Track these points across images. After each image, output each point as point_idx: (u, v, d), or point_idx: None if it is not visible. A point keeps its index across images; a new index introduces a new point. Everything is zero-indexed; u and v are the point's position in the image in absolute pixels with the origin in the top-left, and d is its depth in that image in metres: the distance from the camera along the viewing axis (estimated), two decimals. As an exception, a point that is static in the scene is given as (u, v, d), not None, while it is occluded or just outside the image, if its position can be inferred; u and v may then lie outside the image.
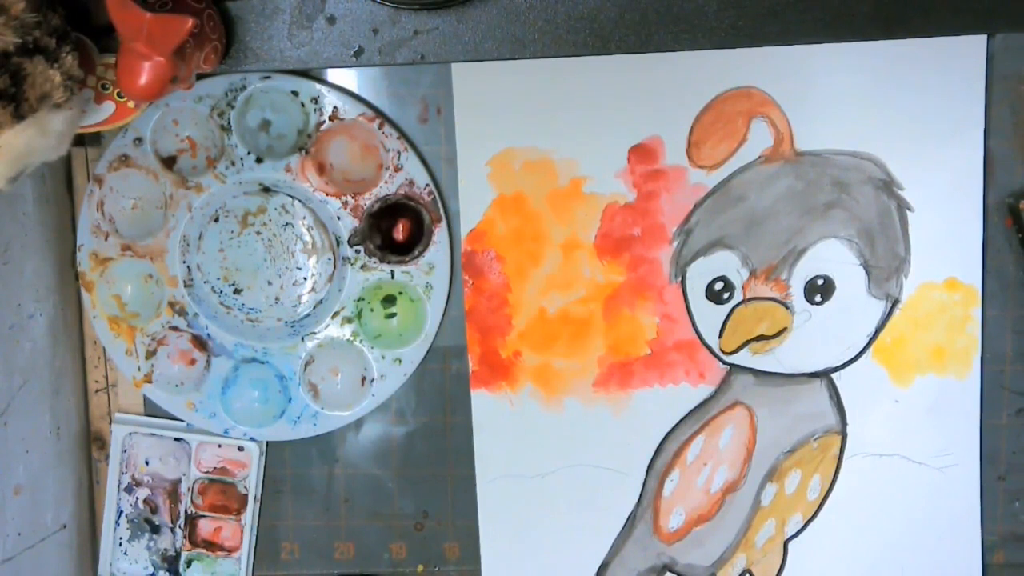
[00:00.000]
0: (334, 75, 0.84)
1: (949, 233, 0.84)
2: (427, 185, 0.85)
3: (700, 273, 0.85)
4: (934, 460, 0.87)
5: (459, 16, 0.74)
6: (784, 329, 0.86)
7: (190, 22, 0.63)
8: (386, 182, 0.85)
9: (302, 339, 0.87)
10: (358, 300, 0.87)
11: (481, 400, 0.87)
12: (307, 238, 0.85)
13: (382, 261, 0.86)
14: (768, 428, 0.87)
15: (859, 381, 0.86)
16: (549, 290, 0.86)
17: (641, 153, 0.84)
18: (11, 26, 0.61)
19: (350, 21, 0.75)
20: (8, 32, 0.61)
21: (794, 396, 0.87)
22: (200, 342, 0.88)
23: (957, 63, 0.81)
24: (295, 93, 0.83)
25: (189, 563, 0.91)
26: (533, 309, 0.86)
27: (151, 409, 0.90)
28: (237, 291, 0.87)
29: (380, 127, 0.84)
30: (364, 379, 0.88)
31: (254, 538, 0.91)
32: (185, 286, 0.87)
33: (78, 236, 0.87)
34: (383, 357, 0.87)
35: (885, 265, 0.85)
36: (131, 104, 0.77)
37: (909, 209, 0.84)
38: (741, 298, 0.85)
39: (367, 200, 0.85)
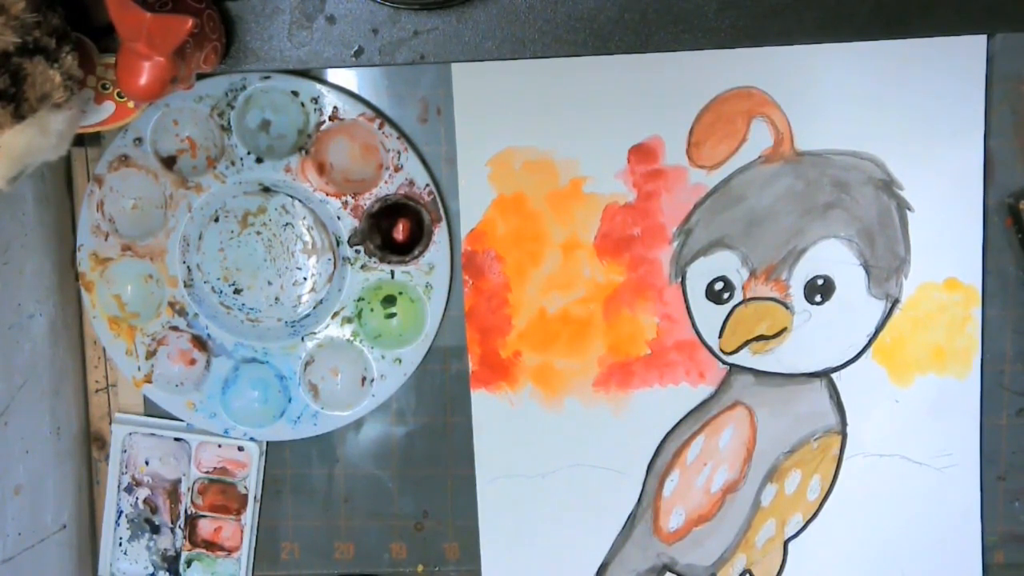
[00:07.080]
0: (334, 75, 0.84)
1: (949, 233, 0.84)
2: (427, 185, 0.85)
3: (700, 273, 0.85)
4: (934, 460, 0.87)
5: (459, 16, 0.74)
6: (784, 329, 0.86)
7: (190, 22, 0.63)
8: (386, 182, 0.85)
9: (302, 339, 0.87)
10: (358, 300, 0.87)
11: (481, 400, 0.87)
12: (307, 238, 0.85)
13: (382, 261, 0.86)
14: (768, 428, 0.87)
15: (859, 381, 0.86)
16: (549, 290, 0.86)
17: (641, 153, 0.84)
18: (11, 26, 0.61)
19: (350, 21, 0.74)
20: (8, 32, 0.61)
21: (794, 396, 0.87)
22: (200, 342, 0.88)
23: (957, 63, 0.81)
24: (295, 93, 0.83)
25: (189, 563, 0.91)
26: (533, 309, 0.86)
27: (151, 409, 0.90)
28: (237, 291, 0.87)
29: (380, 127, 0.84)
30: (364, 379, 0.88)
31: (254, 538, 0.91)
32: (185, 286, 0.87)
33: (78, 236, 0.87)
34: (383, 357, 0.87)
35: (885, 265, 0.85)
36: (131, 104, 0.76)
37: (909, 209, 0.84)
38: (741, 298, 0.85)
39: (367, 200, 0.85)
